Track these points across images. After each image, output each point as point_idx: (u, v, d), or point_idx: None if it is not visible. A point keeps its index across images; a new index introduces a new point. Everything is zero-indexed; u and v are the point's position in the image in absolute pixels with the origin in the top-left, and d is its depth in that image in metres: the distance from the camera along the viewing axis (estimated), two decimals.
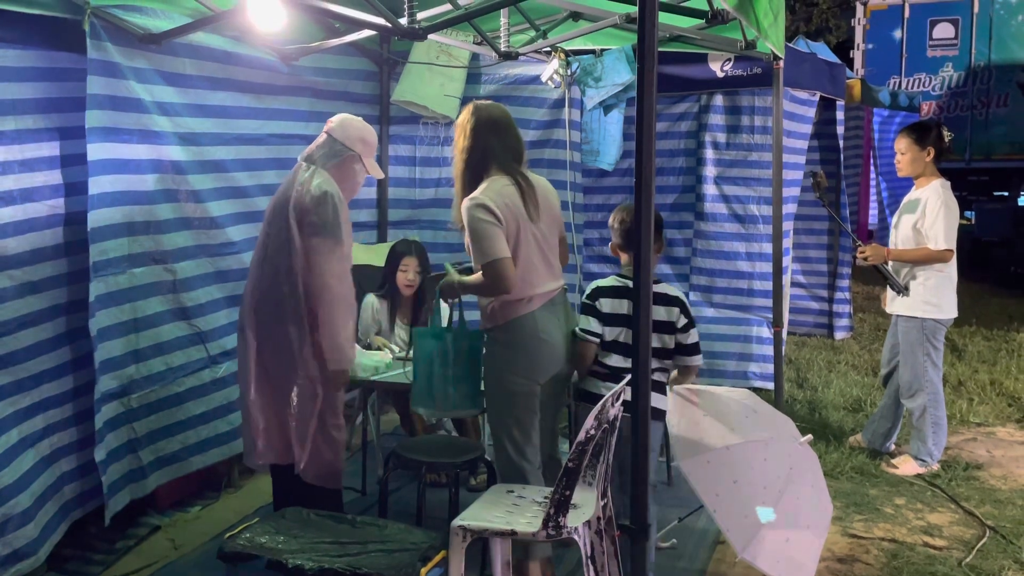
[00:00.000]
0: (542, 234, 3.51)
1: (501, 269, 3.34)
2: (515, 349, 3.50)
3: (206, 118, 4.51)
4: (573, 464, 2.95)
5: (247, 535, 3.11)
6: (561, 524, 2.97)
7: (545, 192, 3.58)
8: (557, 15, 4.88)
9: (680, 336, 3.59)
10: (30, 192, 3.67)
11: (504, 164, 3.47)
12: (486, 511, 3.20)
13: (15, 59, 3.58)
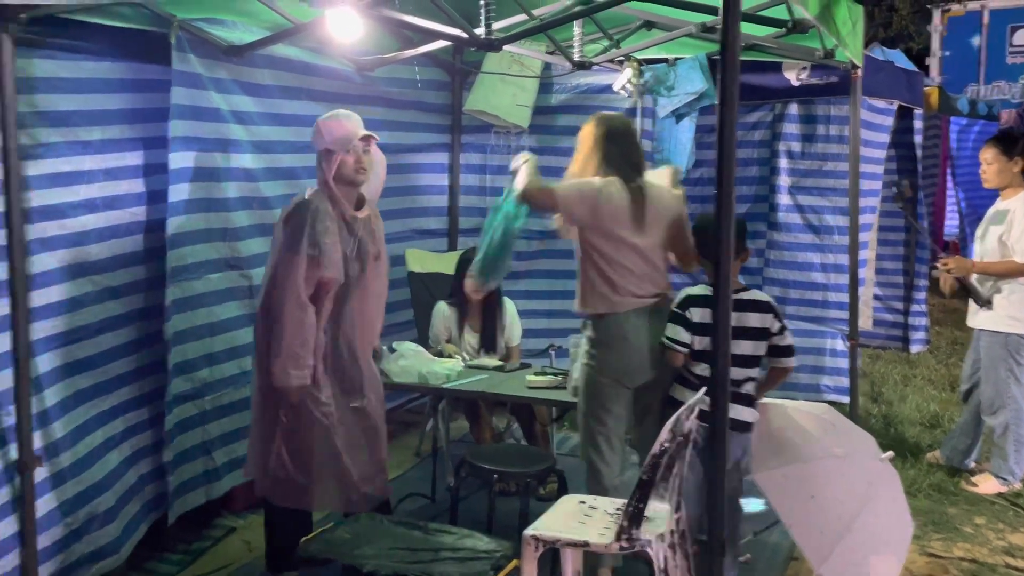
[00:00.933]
0: (647, 243, 3.61)
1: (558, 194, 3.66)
2: (599, 346, 3.62)
3: (280, 127, 4.59)
4: (647, 476, 2.93)
5: (323, 539, 3.15)
6: (634, 536, 2.95)
7: (661, 201, 3.67)
8: (631, 24, 4.86)
9: (775, 339, 3.53)
10: (113, 200, 3.77)
11: (619, 170, 3.62)
12: (558, 521, 3.19)
13: (104, 71, 3.68)
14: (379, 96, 5.23)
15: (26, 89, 3.30)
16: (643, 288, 3.62)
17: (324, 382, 3.60)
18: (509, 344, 4.99)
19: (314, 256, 3.46)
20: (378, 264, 3.78)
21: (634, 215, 3.59)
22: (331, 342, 3.64)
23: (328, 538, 3.16)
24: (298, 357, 3.46)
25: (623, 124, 3.80)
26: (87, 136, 3.60)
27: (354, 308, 3.68)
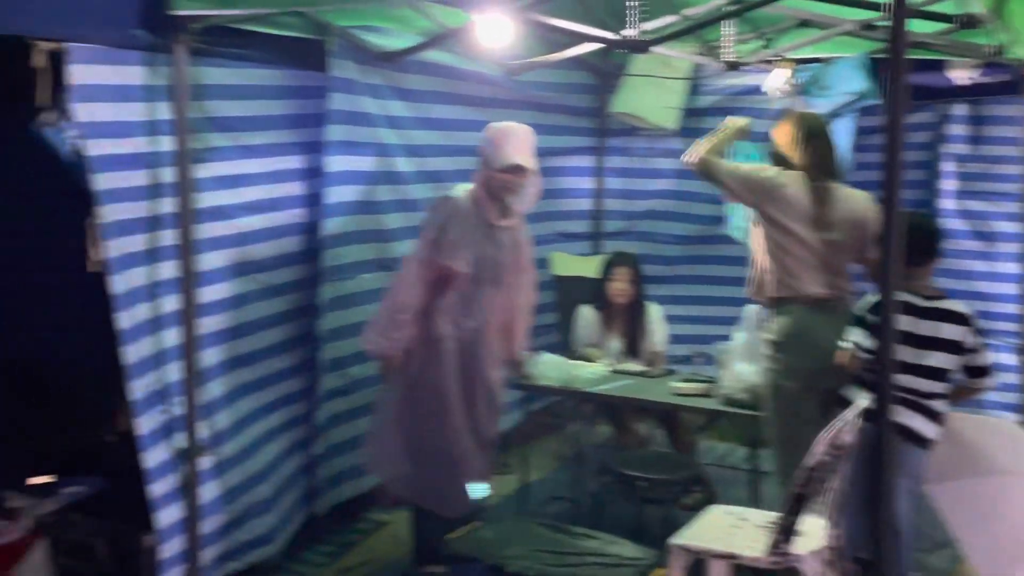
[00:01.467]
0: (826, 242, 3.61)
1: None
2: (782, 347, 3.59)
3: (430, 131, 4.68)
4: (801, 489, 2.83)
5: (470, 538, 3.18)
6: (786, 551, 2.86)
7: (849, 205, 3.67)
8: (784, 23, 4.72)
9: (971, 357, 3.35)
10: (275, 202, 3.93)
11: (809, 170, 3.66)
12: (706, 531, 3.13)
13: (267, 78, 3.84)
14: (526, 100, 5.26)
15: (197, 96, 3.47)
16: (818, 283, 3.59)
17: (435, 377, 3.72)
18: (653, 349, 4.92)
19: (434, 240, 3.66)
20: (520, 276, 3.87)
21: (814, 213, 3.59)
22: (455, 340, 3.72)
23: (474, 537, 3.20)
24: (383, 327, 3.68)
25: (820, 125, 3.84)
26: (251, 140, 3.77)
27: (484, 312, 3.76)
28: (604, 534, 3.45)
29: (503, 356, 3.96)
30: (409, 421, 3.73)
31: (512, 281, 3.84)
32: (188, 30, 3.31)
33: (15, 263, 5.21)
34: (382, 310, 3.68)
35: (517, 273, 3.88)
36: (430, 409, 3.71)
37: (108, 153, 3.20)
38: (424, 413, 3.71)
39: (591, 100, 5.83)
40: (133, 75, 3.29)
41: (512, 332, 3.97)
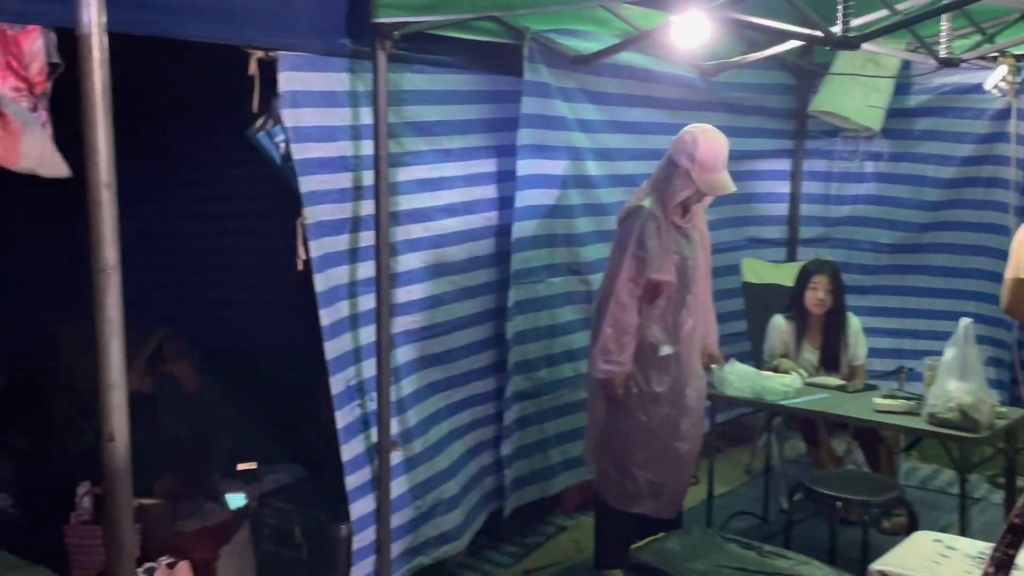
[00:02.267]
0: None
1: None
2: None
3: (622, 134, 4.64)
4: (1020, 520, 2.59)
5: (653, 548, 3.12)
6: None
7: None
8: (1008, 16, 4.37)
9: None
10: (471, 205, 4.01)
11: None
12: (909, 558, 2.91)
13: (463, 83, 3.91)
14: (721, 102, 5.13)
15: (395, 101, 3.57)
16: None
17: (656, 385, 3.75)
18: (853, 363, 4.67)
19: (641, 257, 3.64)
20: (708, 273, 3.92)
21: None
22: (670, 346, 3.75)
23: (659, 548, 3.13)
24: (609, 351, 3.67)
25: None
26: (448, 144, 3.85)
27: (692, 315, 3.79)
28: (796, 554, 3.30)
29: (705, 355, 4.01)
30: (632, 427, 3.76)
31: (704, 280, 3.90)
32: (390, 37, 3.42)
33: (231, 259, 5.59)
34: (607, 336, 3.66)
35: (707, 271, 3.94)
36: (655, 414, 3.75)
37: (313, 157, 3.35)
38: (648, 419, 3.75)
39: (790, 101, 5.62)
40: (338, 81, 3.43)
41: (710, 330, 4.02)
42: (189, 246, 5.76)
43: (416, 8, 3.28)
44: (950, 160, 5.41)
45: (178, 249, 5.69)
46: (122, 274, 1.93)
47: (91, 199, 1.86)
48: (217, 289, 5.74)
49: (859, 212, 5.66)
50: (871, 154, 5.61)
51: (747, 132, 5.36)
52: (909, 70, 5.34)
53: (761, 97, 5.41)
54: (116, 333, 1.87)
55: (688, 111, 4.94)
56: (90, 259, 1.88)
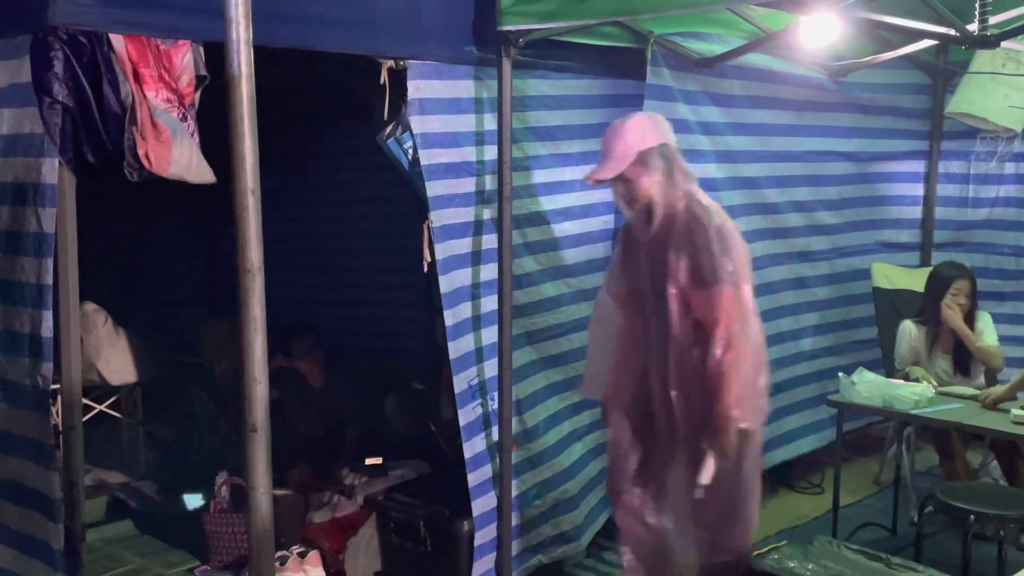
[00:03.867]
0: None
1: None
2: None
3: (745, 136, 4.58)
4: None
5: (775, 556, 3.08)
6: None
7: None
8: None
9: None
10: (588, 208, 4.02)
11: None
12: None
13: (584, 88, 3.95)
14: (850, 103, 5.01)
15: (519, 107, 3.64)
16: None
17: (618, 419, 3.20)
18: (979, 343, 4.47)
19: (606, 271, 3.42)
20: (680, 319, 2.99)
21: None
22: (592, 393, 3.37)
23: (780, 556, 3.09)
24: (586, 370, 3.46)
25: None
26: (568, 149, 3.89)
27: (652, 339, 3.08)
28: (927, 568, 3.21)
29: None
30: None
31: (677, 327, 3.00)
32: (514, 44, 3.48)
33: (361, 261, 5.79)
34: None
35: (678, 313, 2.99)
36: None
37: (439, 162, 3.45)
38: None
39: (924, 101, 5.44)
40: (463, 89, 3.53)
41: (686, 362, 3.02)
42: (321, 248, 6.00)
43: (541, 15, 3.33)
44: None
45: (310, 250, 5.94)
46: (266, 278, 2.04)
47: (238, 204, 1.97)
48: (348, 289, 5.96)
49: (998, 215, 5.43)
50: (1013, 155, 5.37)
51: (878, 133, 5.23)
52: None
53: (893, 97, 5.25)
54: (259, 331, 1.98)
55: (815, 112, 4.86)
56: (234, 261, 1.99)
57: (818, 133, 4.91)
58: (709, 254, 2.92)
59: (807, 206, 4.90)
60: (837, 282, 5.18)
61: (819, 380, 5.01)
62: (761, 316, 4.59)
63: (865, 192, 5.31)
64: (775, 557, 3.11)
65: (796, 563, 3.05)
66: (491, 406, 3.62)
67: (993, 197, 5.45)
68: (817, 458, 5.12)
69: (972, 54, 4.99)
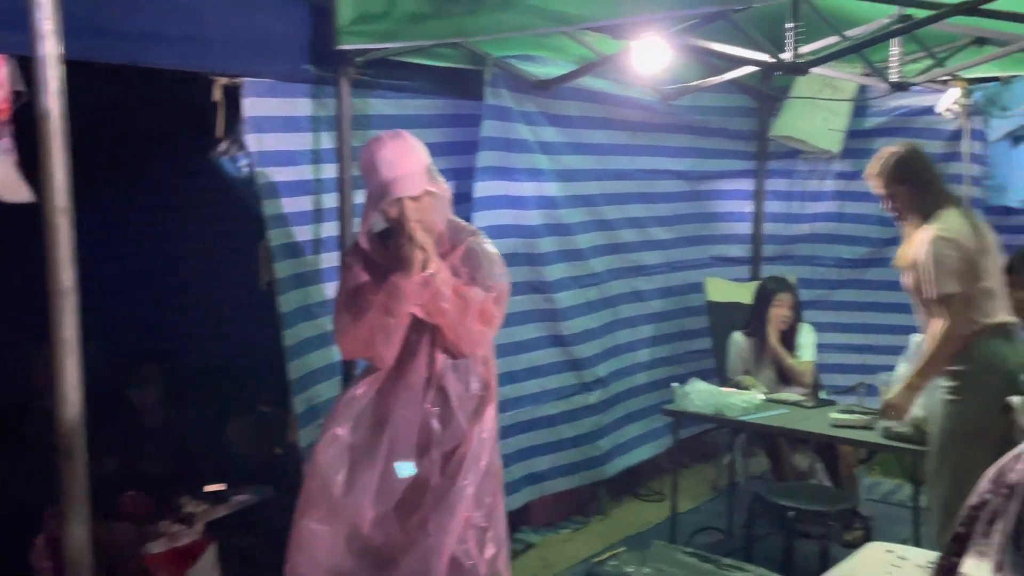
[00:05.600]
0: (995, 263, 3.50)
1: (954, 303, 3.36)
2: (970, 369, 3.37)
3: (582, 155, 4.72)
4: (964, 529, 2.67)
5: (613, 563, 3.17)
6: None
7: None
8: (957, 41, 4.51)
9: None
10: None
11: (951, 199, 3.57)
12: (861, 569, 2.99)
13: (424, 107, 4.00)
14: (682, 124, 5.24)
15: (359, 126, 3.65)
16: (1004, 310, 3.48)
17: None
18: (793, 359, 4.77)
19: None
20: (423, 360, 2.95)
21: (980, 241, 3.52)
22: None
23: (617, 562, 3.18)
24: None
25: (916, 155, 3.77)
26: None
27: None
28: (754, 567, 3.36)
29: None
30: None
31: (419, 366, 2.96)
32: (352, 63, 3.49)
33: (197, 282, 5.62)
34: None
35: (424, 354, 2.96)
36: None
37: (276, 180, 3.42)
38: None
39: (750, 123, 5.74)
40: (300, 107, 3.51)
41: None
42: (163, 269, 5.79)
43: (378, 35, 3.36)
44: None
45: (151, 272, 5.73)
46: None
47: (48, 223, 1.91)
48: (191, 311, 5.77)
49: (820, 229, 5.77)
50: (831, 173, 5.73)
51: (708, 153, 5.47)
52: (866, 93, 5.47)
53: (722, 120, 5.52)
54: (72, 354, 1.93)
55: (648, 132, 5.05)
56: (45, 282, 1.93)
57: (651, 153, 5.11)
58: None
59: (641, 222, 5.08)
60: (672, 295, 5.39)
61: (657, 389, 5.19)
62: (601, 329, 4.85)
63: (697, 209, 5.55)
64: (614, 563, 3.19)
65: (633, 568, 3.14)
66: None
67: (814, 213, 5.80)
68: (659, 466, 5.30)
69: (793, 80, 5.31)
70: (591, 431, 4.79)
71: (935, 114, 5.20)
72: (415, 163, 2.91)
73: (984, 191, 5.31)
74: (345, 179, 3.52)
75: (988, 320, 3.39)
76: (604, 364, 4.88)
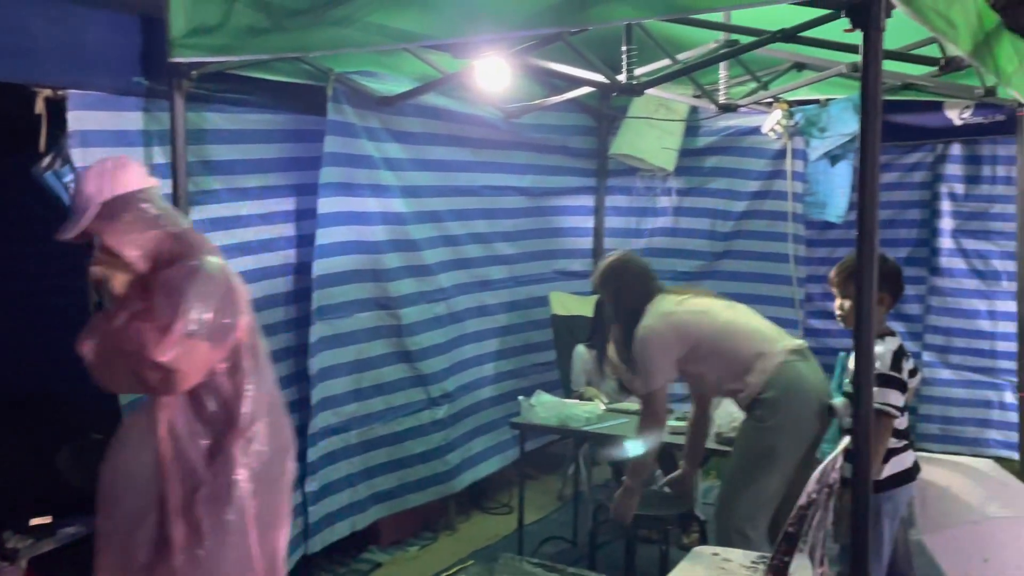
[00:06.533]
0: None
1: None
2: (772, 406, 3.47)
3: (427, 172, 4.74)
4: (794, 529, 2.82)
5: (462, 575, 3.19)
6: None
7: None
8: (780, 66, 4.78)
9: (913, 381, 3.37)
10: (267, 243, 3.99)
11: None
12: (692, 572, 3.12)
13: (264, 122, 3.93)
14: (524, 142, 5.33)
15: (194, 140, 3.55)
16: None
17: None
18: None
19: None
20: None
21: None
22: None
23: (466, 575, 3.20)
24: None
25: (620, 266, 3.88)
26: (245, 183, 3.85)
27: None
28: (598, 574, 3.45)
29: None
30: None
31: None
32: (187, 76, 3.39)
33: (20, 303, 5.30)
34: None
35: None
36: None
37: None
38: None
39: (591, 142, 5.90)
40: (131, 121, 3.39)
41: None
42: None
43: (213, 49, 3.26)
44: (738, 195, 5.83)
45: None
46: None
47: None
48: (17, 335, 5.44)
49: (656, 244, 5.98)
50: (667, 190, 5.96)
51: (550, 170, 5.59)
52: (697, 114, 5.73)
53: (563, 138, 5.65)
54: None
55: (491, 149, 5.12)
56: None
57: (494, 169, 5.18)
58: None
59: (486, 237, 5.14)
60: (517, 309, 5.48)
61: (503, 403, 5.26)
62: (448, 344, 4.87)
63: (540, 224, 5.66)
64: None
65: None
66: None
67: (651, 228, 6.01)
68: (507, 478, 5.37)
69: (630, 100, 5.50)
70: (439, 446, 4.80)
71: (761, 134, 5.49)
72: (81, 200, 2.58)
73: (806, 207, 5.63)
74: (180, 195, 3.41)
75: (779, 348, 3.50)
76: (451, 379, 4.90)
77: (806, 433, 3.46)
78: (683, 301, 3.66)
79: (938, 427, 5.68)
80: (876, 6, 2.19)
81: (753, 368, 3.47)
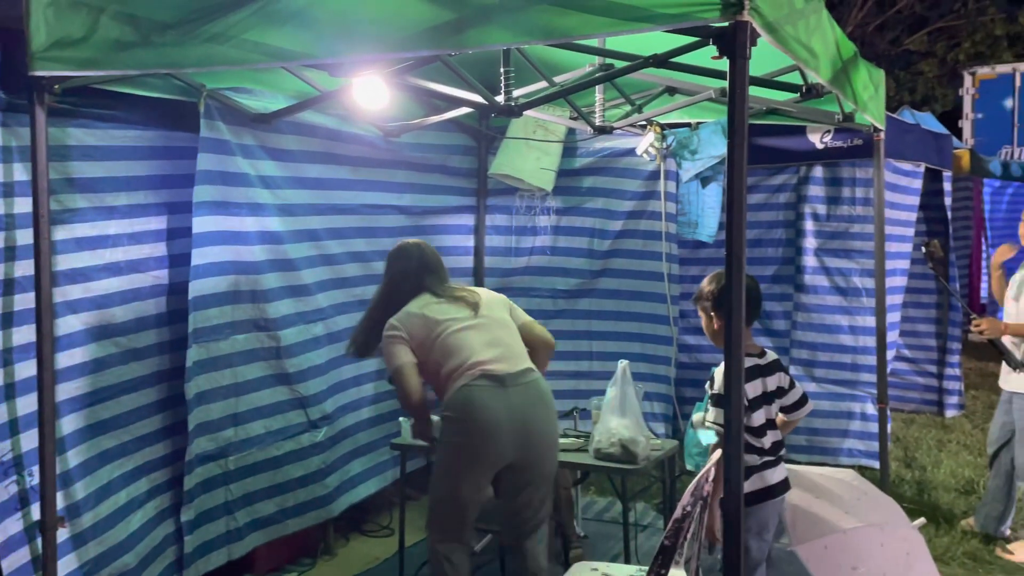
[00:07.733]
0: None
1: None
2: (449, 424, 3.58)
3: (304, 190, 4.67)
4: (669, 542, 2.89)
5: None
6: None
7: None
8: (652, 90, 4.92)
9: (789, 395, 3.49)
10: (136, 263, 3.86)
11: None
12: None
13: (133, 139, 3.80)
14: (403, 160, 5.32)
15: (58, 157, 3.41)
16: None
17: None
18: None
19: None
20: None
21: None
22: None
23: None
24: None
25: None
26: (113, 202, 3.71)
27: None
28: None
29: None
30: None
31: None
32: (50, 90, 3.25)
33: None
34: None
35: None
36: None
37: None
38: None
39: (470, 161, 5.92)
40: None
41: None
42: None
43: (77, 62, 3.12)
44: (614, 215, 5.96)
45: None
46: None
47: None
48: None
49: (535, 262, 6.06)
50: (546, 209, 6.04)
51: (429, 189, 5.59)
52: (575, 135, 5.84)
53: (443, 157, 5.66)
54: None
55: (369, 168, 5.09)
56: None
57: (373, 188, 5.13)
58: None
59: (365, 256, 5.09)
60: None
61: (383, 423, 5.21)
62: (327, 364, 4.79)
63: None
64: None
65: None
66: (29, 482, 3.30)
67: (531, 247, 6.08)
68: (387, 500, 5.31)
69: (509, 121, 5.56)
70: (318, 469, 4.71)
71: (636, 155, 5.63)
72: None
73: (679, 227, 5.81)
74: (42, 214, 3.26)
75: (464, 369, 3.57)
76: (331, 400, 4.83)
77: (482, 458, 3.53)
78: (428, 305, 3.69)
79: (804, 438, 5.94)
80: (742, 35, 2.28)
81: (447, 387, 3.59)
